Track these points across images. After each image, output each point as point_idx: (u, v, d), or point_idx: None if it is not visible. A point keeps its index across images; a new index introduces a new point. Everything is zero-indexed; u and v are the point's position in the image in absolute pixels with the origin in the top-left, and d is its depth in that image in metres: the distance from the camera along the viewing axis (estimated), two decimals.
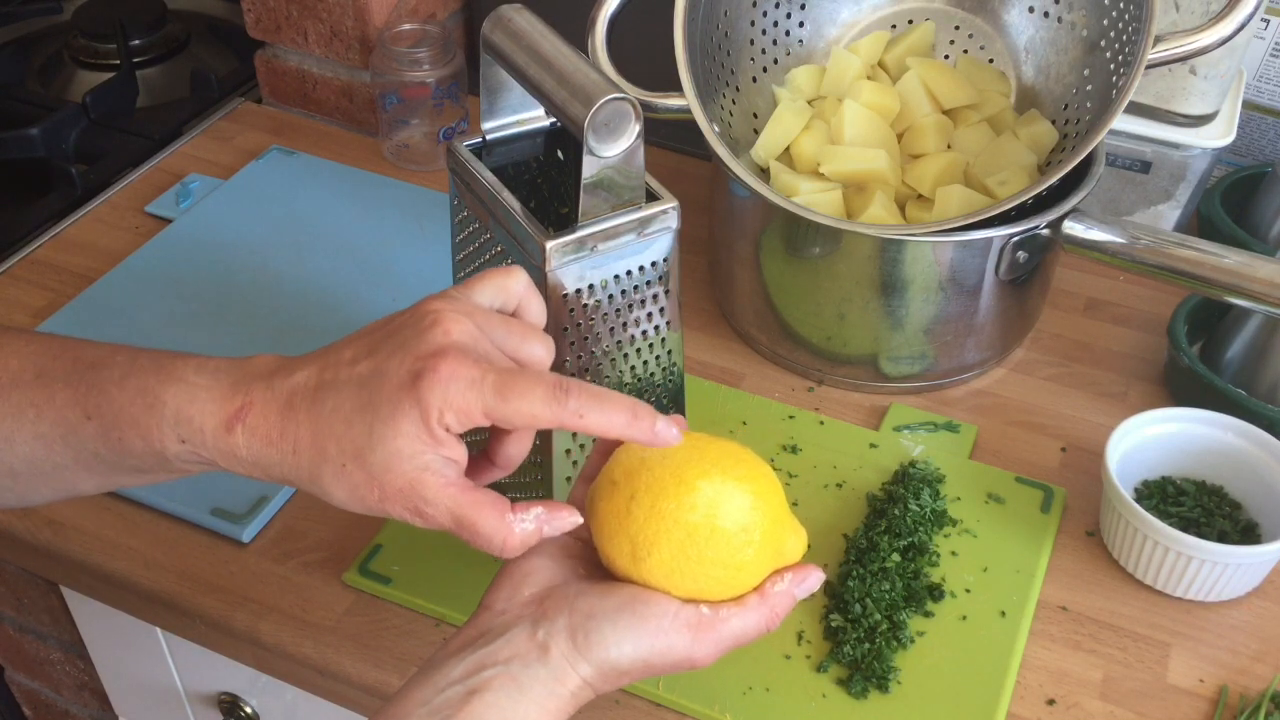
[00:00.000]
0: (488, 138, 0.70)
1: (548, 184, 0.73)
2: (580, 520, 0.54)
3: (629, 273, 0.65)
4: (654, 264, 0.66)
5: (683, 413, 0.73)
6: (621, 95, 0.58)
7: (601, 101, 0.58)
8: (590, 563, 0.57)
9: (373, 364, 0.51)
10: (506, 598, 0.55)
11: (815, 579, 0.57)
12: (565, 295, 0.64)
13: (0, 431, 0.55)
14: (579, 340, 0.66)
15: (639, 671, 0.54)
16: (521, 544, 0.52)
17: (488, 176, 0.66)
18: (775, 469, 0.82)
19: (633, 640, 0.53)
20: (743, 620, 0.55)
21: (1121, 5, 0.85)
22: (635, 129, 0.60)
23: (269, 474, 0.53)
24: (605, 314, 0.66)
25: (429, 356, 0.50)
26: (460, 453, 0.51)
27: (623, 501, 0.54)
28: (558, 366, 0.65)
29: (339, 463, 0.51)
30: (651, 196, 0.65)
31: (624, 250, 0.64)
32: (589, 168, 0.60)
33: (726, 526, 0.53)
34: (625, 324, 0.67)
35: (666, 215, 0.65)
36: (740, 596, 0.55)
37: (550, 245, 0.61)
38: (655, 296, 0.67)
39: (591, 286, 0.64)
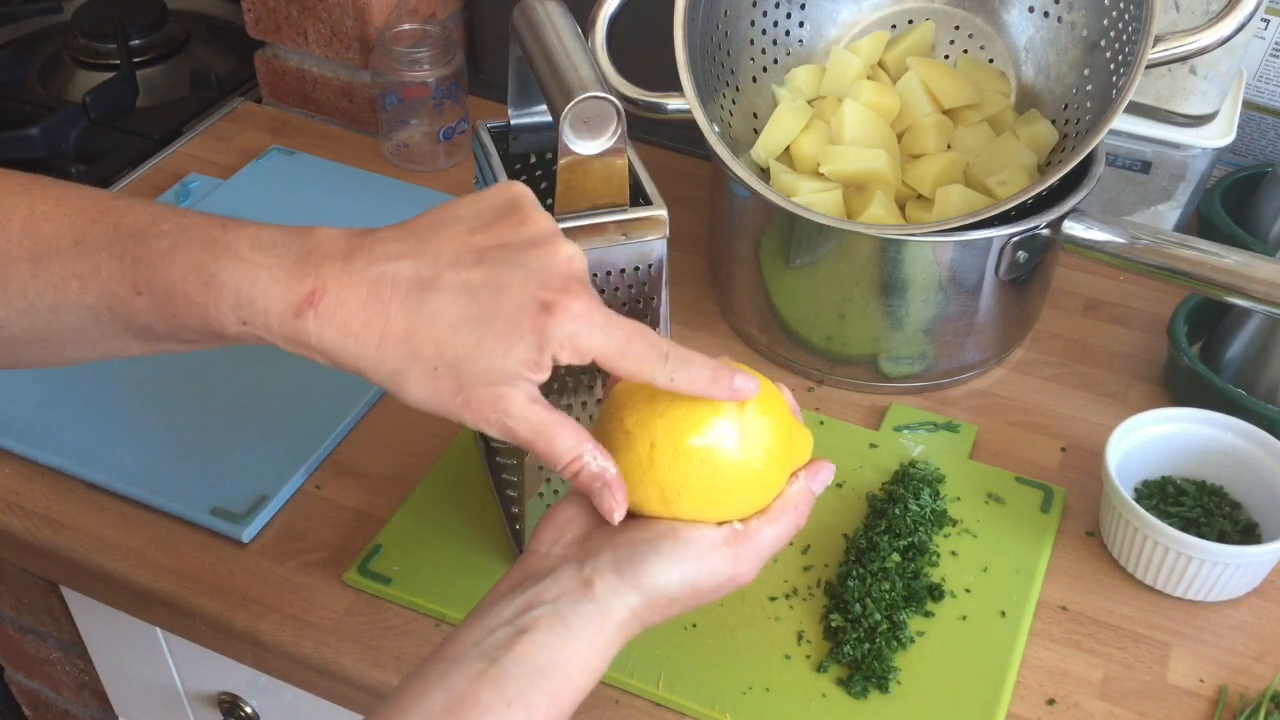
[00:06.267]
0: (513, 123, 0.70)
1: None
2: (619, 519, 0.54)
3: (608, 274, 0.65)
4: (637, 269, 0.65)
5: None
6: (602, 95, 0.58)
7: (580, 98, 0.57)
8: None
9: (487, 274, 0.50)
10: (551, 541, 0.57)
11: (828, 472, 0.60)
12: None
13: (43, 301, 0.53)
14: None
15: (687, 598, 0.55)
16: (583, 473, 0.53)
17: (494, 161, 0.67)
18: None
19: (679, 566, 0.54)
20: (775, 529, 0.57)
21: (1121, 5, 0.85)
22: (616, 130, 0.59)
23: (338, 362, 0.51)
24: None
25: (559, 289, 0.49)
26: (545, 375, 0.51)
27: (644, 450, 0.54)
28: None
29: (431, 365, 0.50)
30: (645, 201, 0.64)
31: (606, 251, 0.64)
32: (563, 161, 0.60)
33: (752, 454, 0.55)
34: None
35: (653, 221, 0.64)
36: (764, 506, 0.57)
37: None
38: (639, 302, 0.66)
39: None
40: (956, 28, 0.96)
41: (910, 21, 0.96)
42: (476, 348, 0.49)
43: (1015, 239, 0.81)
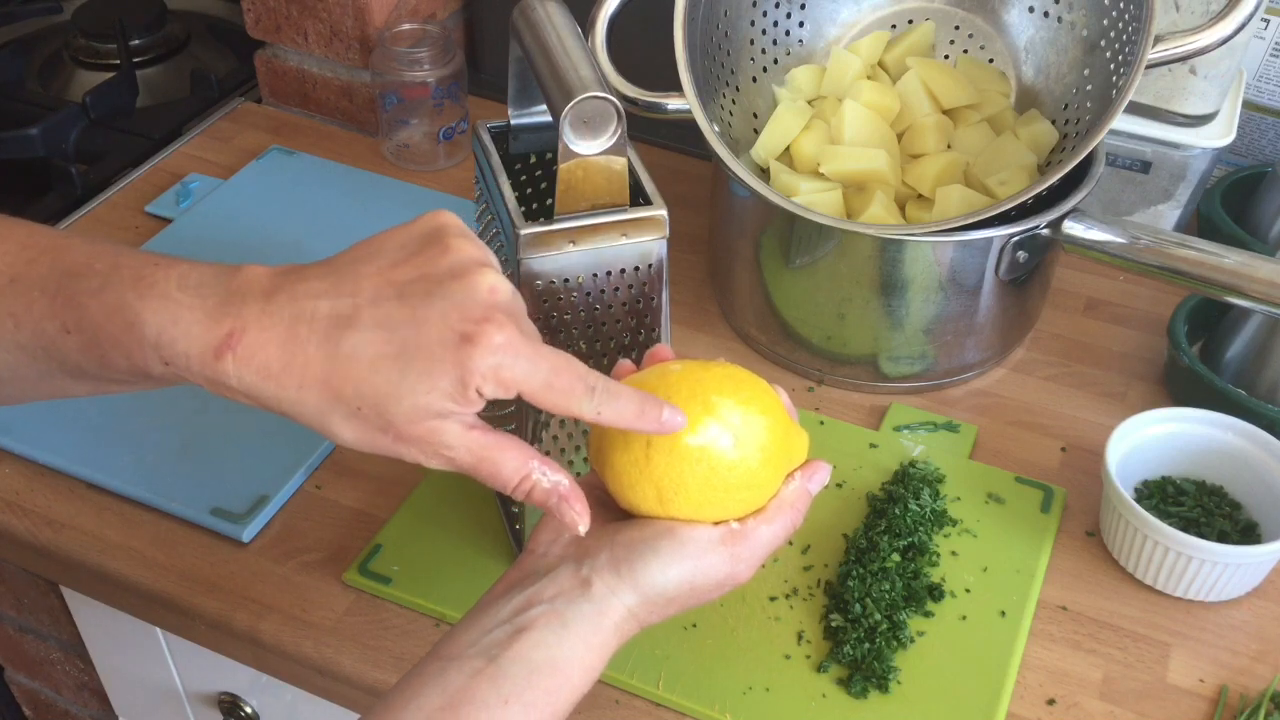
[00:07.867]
0: (513, 123, 0.70)
1: None
2: (584, 530, 0.54)
3: (608, 274, 0.65)
4: (638, 269, 0.65)
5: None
6: (602, 95, 0.58)
7: (580, 98, 0.58)
8: (616, 508, 0.58)
9: (406, 309, 0.48)
10: (549, 540, 0.56)
11: (824, 472, 0.59)
12: (539, 288, 0.63)
13: None
14: (552, 335, 0.65)
15: (684, 597, 0.55)
16: (535, 491, 0.52)
17: (494, 161, 0.67)
18: None
19: (677, 565, 0.54)
20: (771, 528, 0.57)
21: (1121, 5, 0.85)
22: (616, 130, 0.59)
23: (261, 405, 0.49)
24: (583, 312, 0.65)
25: (479, 320, 0.48)
26: (475, 408, 0.50)
27: (640, 450, 0.54)
28: None
29: (354, 406, 0.48)
30: (645, 201, 0.64)
31: (606, 251, 0.64)
32: (564, 162, 0.60)
33: (747, 453, 0.55)
34: (605, 324, 0.66)
35: (653, 221, 0.64)
36: (761, 506, 0.57)
37: (524, 233, 0.61)
38: (639, 302, 0.66)
39: (567, 282, 0.64)
40: (956, 28, 0.96)
41: (910, 21, 0.96)
42: (398, 385, 0.48)
43: (1015, 239, 0.81)
